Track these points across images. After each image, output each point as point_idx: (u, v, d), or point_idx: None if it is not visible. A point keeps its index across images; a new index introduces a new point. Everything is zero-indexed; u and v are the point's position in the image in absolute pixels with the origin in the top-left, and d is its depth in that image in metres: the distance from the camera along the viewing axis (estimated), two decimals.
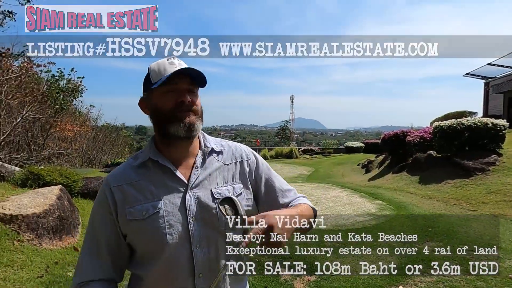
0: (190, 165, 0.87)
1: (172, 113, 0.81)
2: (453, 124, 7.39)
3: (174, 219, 0.80)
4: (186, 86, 0.83)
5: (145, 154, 0.86)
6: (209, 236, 0.83)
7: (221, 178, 0.89)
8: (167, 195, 0.82)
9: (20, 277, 2.67)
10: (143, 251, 0.83)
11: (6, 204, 3.24)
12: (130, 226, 0.81)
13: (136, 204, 0.81)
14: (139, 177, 0.83)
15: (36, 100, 11.36)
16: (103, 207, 0.83)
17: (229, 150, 0.94)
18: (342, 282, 2.91)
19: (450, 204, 5.62)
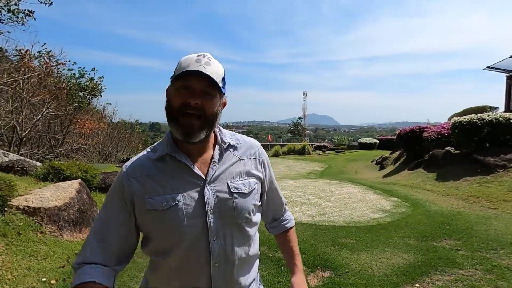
0: (207, 160, 0.88)
1: (176, 112, 0.80)
2: (473, 119, 7.14)
3: (193, 212, 0.82)
4: (199, 87, 0.79)
5: (163, 148, 0.86)
6: (225, 228, 0.85)
7: (237, 173, 0.90)
8: (186, 189, 0.83)
9: (43, 267, 2.78)
10: (161, 241, 0.84)
11: (29, 197, 3.37)
12: (149, 216, 0.82)
13: (156, 195, 0.81)
14: (157, 170, 0.84)
15: (56, 98, 11.72)
16: (119, 196, 0.84)
17: (244, 145, 0.95)
18: (357, 278, 2.89)
19: (469, 201, 5.45)
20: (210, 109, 0.81)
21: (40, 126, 12.09)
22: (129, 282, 2.83)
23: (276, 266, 3.15)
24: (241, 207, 0.87)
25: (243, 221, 0.87)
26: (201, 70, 0.78)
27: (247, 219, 0.88)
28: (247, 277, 0.92)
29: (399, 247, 3.56)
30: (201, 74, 0.78)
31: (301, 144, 22.61)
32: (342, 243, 3.72)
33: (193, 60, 0.80)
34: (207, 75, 0.78)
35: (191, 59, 0.81)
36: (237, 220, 0.86)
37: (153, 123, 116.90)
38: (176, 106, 0.80)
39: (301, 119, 43.08)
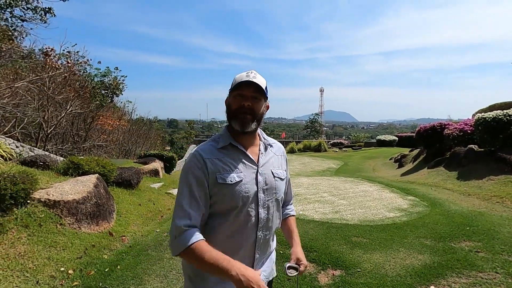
0: (256, 151, 1.19)
1: (234, 112, 1.12)
2: (498, 115, 6.77)
3: (250, 187, 1.11)
4: (249, 94, 1.11)
5: (225, 140, 1.15)
6: (269, 201, 1.15)
7: (276, 164, 1.23)
8: (245, 170, 1.13)
9: (62, 257, 2.91)
10: (225, 207, 1.08)
11: (50, 191, 3.53)
12: (219, 187, 1.07)
13: (225, 172, 1.09)
14: (223, 155, 1.12)
15: (79, 96, 12.18)
16: (199, 171, 1.08)
17: (276, 145, 1.29)
18: (369, 278, 2.83)
19: (492, 202, 5.19)
20: (257, 109, 1.13)
21: (64, 123, 12.61)
22: (142, 275, 2.91)
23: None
24: (279, 188, 1.20)
25: (280, 198, 1.20)
26: (250, 80, 1.09)
27: (282, 198, 1.23)
28: (273, 243, 1.28)
29: (414, 248, 3.45)
30: (250, 83, 1.09)
31: (317, 141, 22.33)
32: (354, 242, 3.65)
33: (244, 76, 1.12)
34: (254, 83, 1.09)
35: (242, 75, 1.12)
36: (277, 197, 1.18)
37: (171, 120, 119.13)
38: (234, 109, 1.12)
39: (318, 116, 42.50)
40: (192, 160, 1.10)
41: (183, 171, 1.12)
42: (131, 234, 3.93)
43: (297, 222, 4.50)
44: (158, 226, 4.37)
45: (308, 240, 3.70)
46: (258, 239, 1.13)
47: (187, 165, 1.11)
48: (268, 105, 1.22)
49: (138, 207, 4.85)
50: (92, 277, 2.78)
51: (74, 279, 2.69)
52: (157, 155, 9.37)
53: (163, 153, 9.75)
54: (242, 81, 1.09)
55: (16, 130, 9.13)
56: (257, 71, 1.14)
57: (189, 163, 1.11)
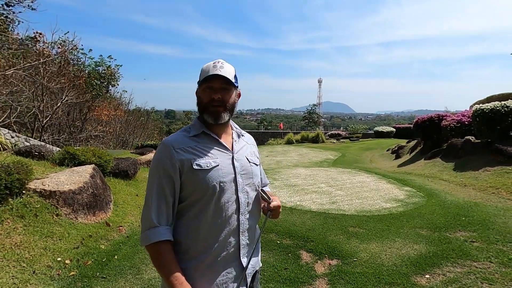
0: (229, 140, 1.20)
1: (206, 105, 1.11)
2: (496, 106, 6.77)
3: (227, 172, 1.11)
4: (219, 85, 1.10)
5: (197, 128, 1.14)
6: (247, 185, 1.16)
7: (249, 151, 1.26)
8: (221, 156, 1.13)
9: (58, 247, 2.91)
10: (204, 193, 1.07)
11: (46, 181, 3.50)
12: (195, 174, 1.06)
13: (200, 159, 1.08)
14: (196, 143, 1.11)
15: (74, 86, 12.01)
16: (168, 163, 1.06)
17: (247, 135, 1.32)
18: (365, 267, 2.85)
19: (488, 192, 5.24)
20: (228, 100, 1.13)
21: (60, 113, 12.48)
22: (140, 264, 2.92)
23: (284, 253, 3.16)
24: (255, 173, 1.22)
25: (257, 183, 1.22)
26: (217, 73, 1.08)
27: (258, 183, 1.24)
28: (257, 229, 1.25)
29: (410, 238, 3.49)
30: (218, 76, 1.09)
31: (314, 132, 22.32)
32: (351, 232, 3.67)
33: (211, 67, 1.11)
34: (222, 76, 1.09)
35: (209, 66, 1.11)
36: (253, 182, 1.20)
37: (168, 111, 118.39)
38: (205, 102, 1.12)
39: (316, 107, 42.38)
40: (161, 151, 1.09)
41: (152, 163, 1.11)
42: (129, 224, 3.93)
43: (294, 212, 4.52)
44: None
45: (305, 230, 3.72)
46: (241, 224, 1.13)
47: (155, 158, 1.10)
48: (239, 93, 1.21)
49: (136, 197, 4.84)
50: (89, 267, 2.79)
51: (71, 269, 2.70)
52: (154, 146, 9.33)
53: None
54: (210, 75, 1.08)
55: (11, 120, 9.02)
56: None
57: (158, 155, 1.09)
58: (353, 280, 2.65)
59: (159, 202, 1.05)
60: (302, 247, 3.30)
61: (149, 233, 1.02)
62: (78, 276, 2.62)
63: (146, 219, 1.05)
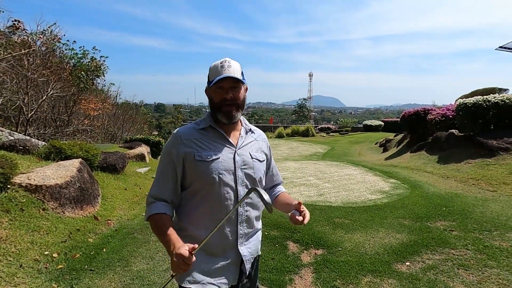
0: (237, 136, 1.25)
1: (219, 105, 1.17)
2: (478, 101, 6.98)
3: (227, 165, 1.17)
4: (228, 85, 1.15)
5: (206, 122, 1.22)
6: (247, 180, 1.20)
7: (255, 147, 1.29)
8: (223, 150, 1.19)
9: (46, 241, 2.90)
10: (204, 183, 1.15)
11: (31, 175, 3.46)
12: (197, 164, 1.14)
13: (203, 151, 1.16)
14: (202, 136, 1.19)
15: (61, 79, 11.70)
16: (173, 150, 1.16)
17: (257, 132, 1.36)
18: (349, 256, 2.96)
19: (468, 184, 5.44)
20: (239, 97, 1.19)
21: (46, 107, 12.16)
22: (128, 257, 2.94)
23: (271, 244, 3.24)
24: (257, 168, 1.25)
25: (258, 178, 1.24)
26: (227, 75, 1.13)
27: (260, 178, 1.26)
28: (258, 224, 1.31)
29: (393, 227, 3.61)
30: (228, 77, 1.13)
31: (305, 126, 22.48)
32: (337, 223, 3.78)
33: (218, 67, 1.15)
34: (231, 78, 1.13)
35: (217, 67, 1.16)
36: (254, 176, 1.23)
37: (158, 104, 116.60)
38: (217, 102, 1.18)
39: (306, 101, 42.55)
40: (171, 140, 1.21)
41: (163, 150, 1.25)
42: (117, 218, 3.93)
43: None
44: (144, 210, 4.39)
45: None
46: (240, 215, 1.19)
47: (166, 145, 1.23)
48: (246, 87, 1.26)
49: (124, 191, 4.83)
50: (77, 260, 2.80)
51: (58, 262, 2.70)
52: (143, 140, 9.25)
53: (149, 138, 9.63)
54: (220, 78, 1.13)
55: None
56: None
57: (168, 143, 1.22)
58: (337, 269, 2.75)
59: (161, 183, 1.18)
60: (289, 238, 3.38)
61: (148, 208, 1.16)
62: (66, 269, 2.63)
63: (150, 195, 1.18)
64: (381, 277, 2.60)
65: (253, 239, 1.27)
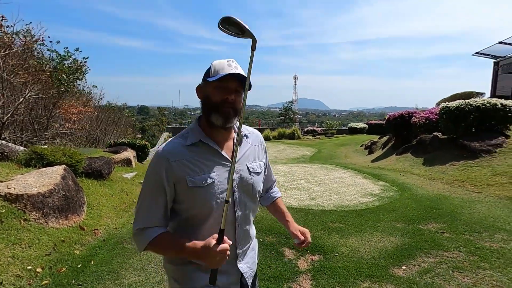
0: (230, 146, 1.11)
1: (217, 105, 1.01)
2: (461, 105, 7.23)
3: (224, 187, 1.04)
4: (234, 86, 1.02)
5: (195, 136, 1.05)
6: (245, 199, 1.10)
7: (252, 156, 1.17)
8: (218, 169, 1.05)
9: (28, 255, 2.71)
10: (200, 211, 1.03)
11: (11, 184, 3.24)
12: (190, 192, 1.01)
13: (196, 175, 1.01)
14: (192, 154, 1.03)
15: (39, 81, 11.20)
16: (162, 176, 1.01)
17: (253, 135, 1.21)
18: (346, 262, 2.94)
19: (454, 185, 5.59)
20: (239, 103, 1.05)
21: (23, 110, 11.60)
22: (119, 269, 2.80)
23: (267, 251, 3.18)
24: (255, 183, 1.14)
25: (256, 194, 1.14)
26: (239, 72, 1.00)
27: (258, 192, 1.16)
28: (253, 231, 1.23)
29: (387, 231, 3.64)
30: (237, 75, 1.00)
31: (291, 128, 22.62)
32: (331, 227, 3.77)
33: (225, 65, 1.02)
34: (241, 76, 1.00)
35: (223, 64, 1.03)
36: (253, 193, 1.13)
37: (141, 107, 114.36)
38: (216, 101, 1.02)
39: (292, 104, 42.90)
40: (157, 162, 1.03)
41: (147, 171, 1.07)
42: (104, 227, 3.76)
43: None
44: (133, 218, 4.22)
45: None
46: (238, 236, 1.11)
47: (151, 167, 1.05)
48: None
49: (111, 198, 4.63)
50: (63, 274, 2.63)
51: (43, 277, 2.52)
52: (128, 144, 8.98)
53: (135, 142, 9.37)
54: (229, 74, 0.99)
55: None
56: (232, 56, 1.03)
57: (153, 166, 1.04)
58: (335, 275, 2.72)
59: (150, 210, 1.03)
60: (284, 244, 3.33)
61: (141, 237, 1.02)
62: (51, 285, 2.46)
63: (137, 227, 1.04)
64: (379, 282, 2.59)
65: (250, 250, 1.20)
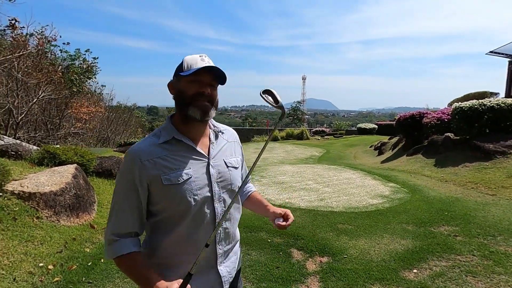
0: (206, 142, 1.09)
1: (193, 99, 1.00)
2: (474, 105, 7.05)
3: (202, 183, 1.02)
4: (208, 80, 1.02)
5: (168, 134, 1.03)
6: (224, 194, 1.08)
7: (229, 152, 1.16)
8: (194, 165, 1.03)
9: (40, 252, 2.77)
10: (177, 210, 1.00)
11: (24, 182, 3.32)
12: (166, 190, 0.98)
13: (171, 172, 0.98)
14: (166, 152, 1.00)
15: (52, 81, 11.46)
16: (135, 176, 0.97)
17: (228, 132, 1.21)
18: (355, 264, 2.89)
19: (467, 188, 5.45)
20: (214, 96, 1.05)
21: (36, 110, 11.89)
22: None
23: (275, 252, 3.16)
24: (234, 177, 1.12)
25: (235, 188, 1.12)
26: (213, 66, 0.99)
27: (237, 187, 1.13)
28: (237, 234, 1.21)
29: (397, 233, 3.57)
30: (212, 68, 0.99)
31: (299, 129, 22.52)
32: (340, 229, 3.72)
33: (198, 59, 1.01)
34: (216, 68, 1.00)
35: (196, 59, 1.01)
36: (232, 188, 1.11)
37: (150, 107, 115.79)
38: (190, 95, 1.00)
39: (300, 104, 42.72)
40: (128, 162, 0.99)
41: (118, 175, 1.03)
42: None
43: None
44: None
45: (296, 228, 3.73)
46: (218, 234, 1.08)
47: (122, 170, 1.01)
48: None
49: None
50: (74, 271, 2.67)
51: (54, 274, 2.57)
52: None
53: None
54: (204, 67, 0.99)
55: None
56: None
57: (124, 167, 1.00)
58: (344, 277, 2.69)
59: (123, 214, 0.98)
60: (292, 245, 3.30)
61: (114, 246, 0.97)
62: (62, 282, 2.50)
63: (111, 232, 0.99)
64: (390, 286, 2.54)
65: (232, 254, 1.16)
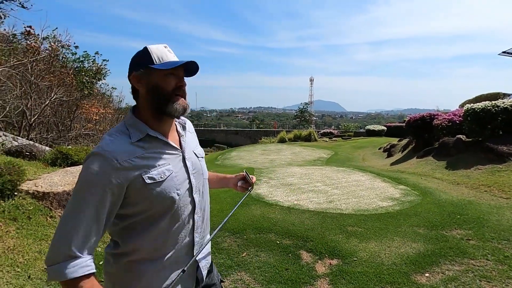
0: (175, 136, 1.11)
1: (172, 95, 0.99)
2: (487, 106, 6.92)
3: (182, 177, 1.04)
4: (182, 73, 1.04)
5: (139, 131, 0.98)
6: (199, 184, 1.12)
7: (193, 142, 1.19)
8: (172, 160, 1.03)
9: None
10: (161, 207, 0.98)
11: (38, 182, 3.40)
12: (149, 189, 0.94)
13: (152, 170, 0.96)
14: (142, 151, 0.96)
15: (64, 83, 11.71)
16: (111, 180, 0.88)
17: (187, 122, 1.21)
18: (365, 267, 2.86)
19: (480, 191, 5.34)
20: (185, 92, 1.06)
21: (48, 111, 12.15)
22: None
23: (284, 253, 3.15)
24: (204, 167, 1.18)
25: (206, 177, 1.18)
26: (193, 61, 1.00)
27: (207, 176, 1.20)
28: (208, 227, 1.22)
29: (408, 236, 3.52)
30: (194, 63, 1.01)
31: (307, 130, 22.43)
32: (350, 231, 3.69)
33: (166, 51, 1.00)
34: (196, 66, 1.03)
35: (163, 50, 1.00)
36: (204, 178, 1.16)
37: None
38: (169, 90, 0.99)
39: (308, 105, 42.58)
40: (100, 165, 0.87)
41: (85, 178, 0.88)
42: None
43: (292, 212, 4.50)
44: None
45: (304, 230, 3.71)
46: (196, 223, 1.09)
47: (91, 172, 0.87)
48: None
49: None
50: None
51: None
52: None
53: None
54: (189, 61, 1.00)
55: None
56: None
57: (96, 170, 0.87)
58: (355, 280, 2.66)
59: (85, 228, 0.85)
60: (302, 247, 3.29)
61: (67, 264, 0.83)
62: None
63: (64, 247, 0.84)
64: None
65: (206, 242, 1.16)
